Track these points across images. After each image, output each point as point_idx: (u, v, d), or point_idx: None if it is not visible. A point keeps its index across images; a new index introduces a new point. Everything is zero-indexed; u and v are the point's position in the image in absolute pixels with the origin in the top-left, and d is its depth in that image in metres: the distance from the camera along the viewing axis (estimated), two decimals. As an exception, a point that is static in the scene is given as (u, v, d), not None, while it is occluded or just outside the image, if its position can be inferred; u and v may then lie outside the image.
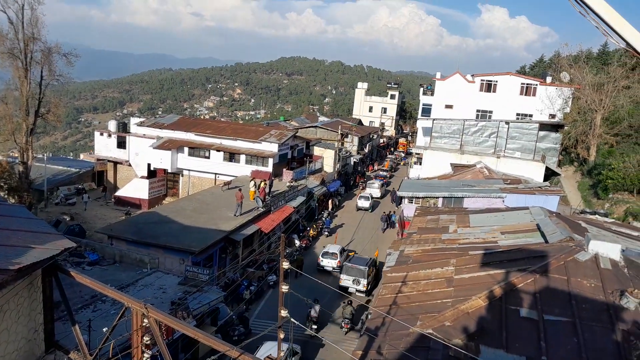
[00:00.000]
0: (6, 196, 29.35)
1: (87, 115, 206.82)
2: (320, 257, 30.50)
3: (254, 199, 31.81)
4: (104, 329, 10.28)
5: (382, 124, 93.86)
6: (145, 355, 9.30)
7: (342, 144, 57.30)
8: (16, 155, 37.87)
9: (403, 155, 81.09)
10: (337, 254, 30.09)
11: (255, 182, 33.33)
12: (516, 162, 41.37)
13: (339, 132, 54.66)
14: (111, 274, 20.96)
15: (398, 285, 15.47)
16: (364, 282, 26.04)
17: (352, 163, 60.22)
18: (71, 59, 37.17)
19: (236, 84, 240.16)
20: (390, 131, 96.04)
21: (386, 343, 11.66)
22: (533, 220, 20.59)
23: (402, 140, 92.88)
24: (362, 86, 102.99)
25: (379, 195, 49.86)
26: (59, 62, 36.60)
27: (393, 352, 11.12)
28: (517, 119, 50.17)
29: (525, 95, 52.55)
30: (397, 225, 33.33)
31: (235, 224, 28.16)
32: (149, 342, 9.35)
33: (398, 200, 39.23)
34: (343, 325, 22.69)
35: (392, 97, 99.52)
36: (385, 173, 61.78)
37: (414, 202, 31.77)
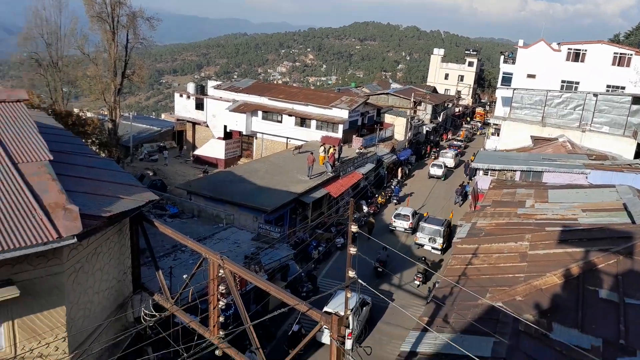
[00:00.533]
0: (97, 150, 31.65)
1: (168, 77, 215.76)
2: (392, 218, 31.51)
3: (323, 163, 32.18)
4: (184, 276, 11.02)
5: (458, 92, 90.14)
6: (221, 302, 9.89)
7: (415, 112, 55.94)
8: (105, 113, 40.60)
9: (480, 125, 77.87)
10: (409, 216, 30.98)
11: (325, 148, 33.57)
12: (603, 137, 38.43)
13: (412, 99, 53.35)
14: (190, 227, 22.26)
15: (468, 257, 15.22)
16: (439, 241, 27.55)
17: (424, 132, 58.80)
18: (153, 22, 38.83)
19: (309, 50, 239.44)
20: (467, 100, 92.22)
21: (453, 312, 11.60)
22: (619, 199, 19.27)
23: (479, 109, 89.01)
24: (438, 52, 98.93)
25: (452, 164, 48.62)
26: (142, 25, 38.35)
27: (460, 321, 11.05)
28: (607, 91, 46.27)
29: (618, 65, 48.12)
30: (470, 197, 32.44)
31: (305, 186, 28.73)
32: (224, 291, 9.92)
33: (472, 172, 38.03)
34: (416, 278, 24.00)
35: (470, 64, 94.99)
36: (459, 143, 59.77)
37: (489, 174, 30.69)
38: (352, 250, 11.67)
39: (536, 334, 10.23)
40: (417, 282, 24.07)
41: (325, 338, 17.33)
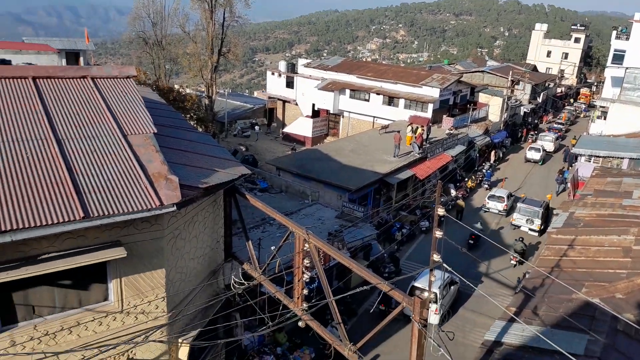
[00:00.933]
0: (195, 125, 33.56)
1: (260, 55, 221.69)
2: (486, 199, 31.42)
3: (410, 144, 31.58)
4: (272, 248, 11.50)
5: (561, 71, 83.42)
6: (305, 275, 10.21)
7: (512, 91, 52.72)
8: (203, 89, 42.78)
9: (584, 107, 71.79)
10: (504, 198, 30.63)
11: (412, 128, 32.87)
12: None
13: (509, 78, 50.24)
14: (278, 201, 23.07)
15: (564, 248, 14.32)
16: (537, 222, 27.34)
17: (521, 113, 55.40)
18: (249, 0, 39.89)
19: (400, 26, 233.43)
20: (571, 80, 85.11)
21: (544, 304, 11.04)
22: None
23: (584, 90, 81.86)
24: (540, 28, 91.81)
25: (552, 148, 45.53)
26: (238, 4, 39.59)
27: (551, 315, 10.50)
28: None
29: None
30: (569, 184, 30.29)
31: (390, 167, 28.46)
32: (308, 264, 10.22)
33: (572, 159, 35.48)
34: (512, 258, 23.90)
35: (577, 40, 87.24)
36: (560, 126, 55.64)
37: (592, 161, 28.40)
38: (438, 233, 11.45)
39: (637, 335, 9.47)
40: (513, 262, 24.00)
41: (431, 318, 17.62)
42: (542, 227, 27.31)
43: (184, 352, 10.12)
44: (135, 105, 10.49)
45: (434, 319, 17.77)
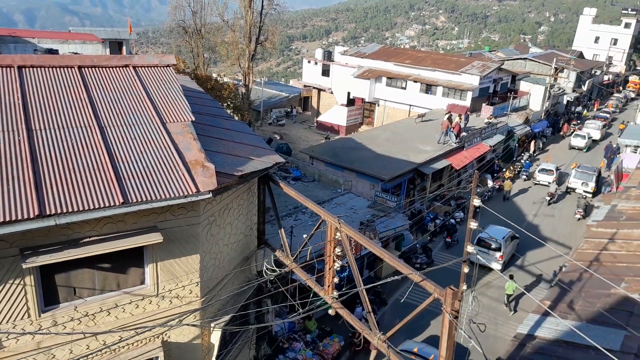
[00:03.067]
0: (232, 113, 34.04)
1: (297, 43, 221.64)
2: (536, 172, 33.79)
3: (446, 132, 31.07)
4: (304, 236, 11.65)
5: (609, 58, 79.80)
6: (336, 264, 10.30)
7: (556, 79, 50.89)
8: (240, 78, 43.24)
9: (633, 95, 68.61)
10: (553, 171, 32.98)
11: (450, 116, 32.30)
12: None
13: (553, 65, 48.51)
14: (310, 190, 23.23)
15: (604, 241, 13.85)
16: (592, 184, 30.57)
17: (564, 102, 53.46)
18: (287, -12, 39.92)
19: (440, 11, 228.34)
20: (619, 67, 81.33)
21: (580, 299, 10.76)
22: None
23: (633, 78, 78.18)
24: (588, 12, 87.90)
25: (598, 136, 43.99)
26: (276, -9, 39.66)
27: (587, 309, 10.23)
28: None
29: None
30: (612, 176, 29.19)
31: (425, 156, 28.11)
32: (340, 253, 10.30)
33: (613, 153, 34.41)
34: (577, 212, 27.67)
35: (627, 25, 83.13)
36: (606, 115, 53.47)
37: (638, 152, 27.20)
38: (473, 224, 11.30)
39: (679, 335, 9.11)
40: (577, 216, 27.51)
41: (495, 265, 21.53)
42: (595, 189, 30.35)
43: (215, 336, 10.40)
44: (174, 94, 10.75)
45: (497, 265, 21.52)
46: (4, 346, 8.00)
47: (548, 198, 30.05)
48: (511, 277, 19.60)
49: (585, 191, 30.64)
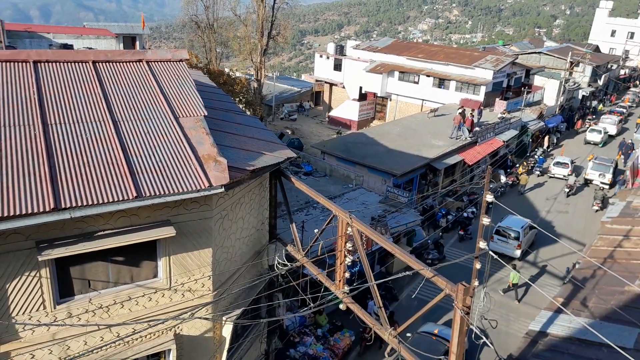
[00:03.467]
0: (244, 108, 34.12)
1: (309, 37, 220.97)
2: (551, 165, 33.83)
3: (459, 127, 30.85)
4: (315, 231, 11.66)
5: (626, 51, 78.36)
6: (347, 259, 10.31)
7: (571, 73, 50.16)
8: (252, 73, 43.32)
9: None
10: (568, 164, 33.02)
11: (463, 111, 32.04)
12: None
13: (568, 59, 47.80)
14: (322, 185, 23.23)
15: (618, 238, 13.70)
16: (609, 176, 30.82)
17: (579, 97, 52.70)
18: (299, -17, 39.79)
19: (453, 5, 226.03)
20: (636, 61, 79.94)
21: (594, 296, 10.67)
22: None
23: (650, 72, 76.83)
24: (605, 5, 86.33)
25: (614, 132, 43.43)
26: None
27: (601, 307, 10.15)
28: None
29: None
30: (628, 173, 28.78)
31: (438, 152, 27.94)
32: (351, 248, 10.31)
33: (628, 149, 33.96)
34: (594, 204, 27.85)
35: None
36: (622, 109, 52.67)
37: (654, 148, 26.80)
38: (486, 220, 11.24)
39: (695, 334, 9.00)
40: (595, 208, 27.63)
41: (514, 253, 22.22)
42: (612, 181, 30.75)
43: (227, 330, 10.49)
44: (187, 88, 10.81)
45: (516, 253, 22.23)
46: (20, 337, 8.16)
47: (567, 190, 30.28)
48: (514, 267, 20.02)
49: (602, 182, 30.90)
